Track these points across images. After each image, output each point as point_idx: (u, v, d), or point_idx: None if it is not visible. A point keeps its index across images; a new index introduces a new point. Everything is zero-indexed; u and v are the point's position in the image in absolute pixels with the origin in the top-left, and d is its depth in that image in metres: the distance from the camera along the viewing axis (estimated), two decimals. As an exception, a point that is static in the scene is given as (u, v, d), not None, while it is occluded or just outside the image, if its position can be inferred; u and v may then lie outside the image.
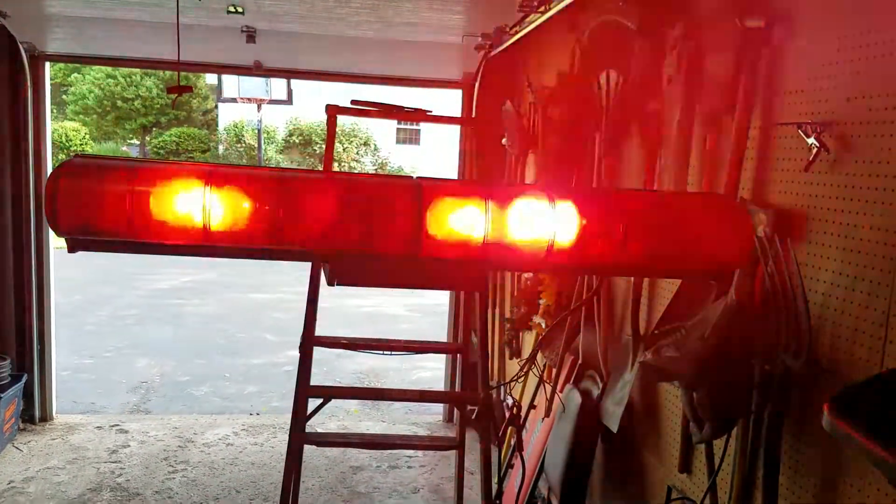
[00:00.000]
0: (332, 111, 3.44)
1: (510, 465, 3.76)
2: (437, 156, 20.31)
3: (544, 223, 1.69)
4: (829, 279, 1.73)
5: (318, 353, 3.24)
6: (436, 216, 1.66)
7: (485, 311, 3.25)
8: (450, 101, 5.56)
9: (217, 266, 12.74)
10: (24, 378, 4.94)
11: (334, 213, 1.66)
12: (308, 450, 3.42)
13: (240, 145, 25.60)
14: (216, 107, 27.34)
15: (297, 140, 25.64)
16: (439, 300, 7.54)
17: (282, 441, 4.94)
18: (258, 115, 24.64)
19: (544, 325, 3.65)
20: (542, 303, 3.69)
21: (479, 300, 3.31)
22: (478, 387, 3.27)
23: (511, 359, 4.43)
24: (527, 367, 3.16)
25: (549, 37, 3.99)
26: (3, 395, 4.60)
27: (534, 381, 3.53)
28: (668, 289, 2.50)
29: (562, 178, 3.48)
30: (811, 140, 1.72)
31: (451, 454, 4.15)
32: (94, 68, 25.63)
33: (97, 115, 26.84)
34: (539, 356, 3.42)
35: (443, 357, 5.84)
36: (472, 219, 1.68)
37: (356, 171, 23.10)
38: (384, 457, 4.81)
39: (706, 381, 1.88)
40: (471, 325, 3.61)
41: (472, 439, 3.73)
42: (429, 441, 4.36)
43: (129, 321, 9.24)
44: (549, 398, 3.34)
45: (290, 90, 24.84)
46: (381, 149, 25.93)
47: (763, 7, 1.99)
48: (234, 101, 24.63)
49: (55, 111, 25.90)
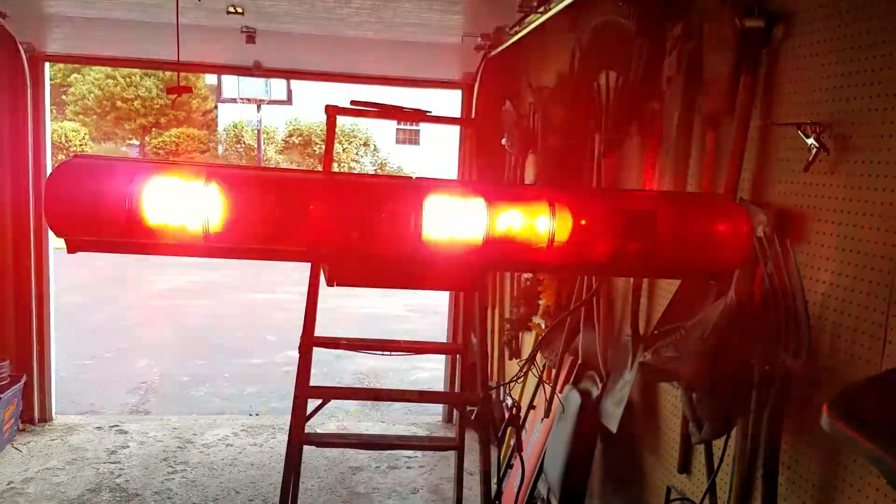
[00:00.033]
0: (332, 111, 3.44)
1: (509, 466, 3.76)
2: (436, 156, 20.29)
3: (544, 224, 1.69)
4: (828, 279, 1.73)
5: (317, 353, 3.23)
6: (435, 216, 1.66)
7: (484, 312, 3.25)
8: (449, 102, 5.55)
9: (217, 266, 12.74)
10: (24, 379, 4.93)
11: (333, 214, 1.66)
12: (307, 450, 3.42)
13: (239, 146, 25.61)
14: (216, 107, 27.35)
15: (297, 140, 25.65)
16: (439, 300, 7.54)
17: (281, 442, 4.94)
18: (258, 115, 24.66)
19: (544, 326, 3.65)
20: (541, 303, 3.69)
21: (478, 300, 3.31)
22: (477, 387, 3.27)
23: (510, 359, 4.43)
24: (526, 368, 3.16)
25: (548, 37, 3.99)
26: (2, 395, 4.60)
27: (533, 381, 3.53)
28: (667, 289, 2.50)
29: (562, 179, 3.49)
30: (811, 140, 1.72)
31: (451, 455, 4.14)
32: (94, 69, 25.64)
33: (97, 116, 26.83)
34: (538, 356, 3.42)
35: (442, 357, 5.84)
36: (472, 219, 1.68)
37: (356, 172, 23.12)
38: (383, 457, 4.81)
39: (706, 381, 1.88)
40: (470, 326, 3.60)
41: (471, 440, 3.73)
42: (428, 441, 4.35)
43: (129, 322, 9.23)
44: (548, 398, 3.34)
45: (289, 90, 24.84)
46: (380, 149, 25.95)
47: (763, 7, 1.99)
48: (233, 101, 24.64)
49: (55, 111, 25.85)
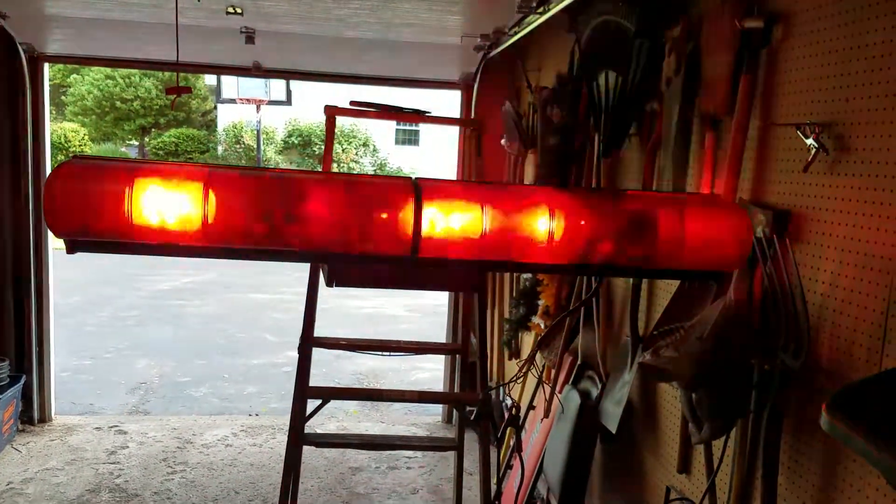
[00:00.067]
0: (331, 112, 3.45)
1: (509, 466, 3.76)
2: (436, 156, 20.31)
3: (543, 224, 1.69)
4: (827, 279, 1.73)
5: (317, 353, 3.24)
6: (434, 217, 1.66)
7: (484, 312, 3.25)
8: (449, 102, 5.55)
9: (217, 267, 12.74)
10: (23, 379, 4.93)
11: (333, 214, 1.66)
12: (307, 451, 3.42)
13: (239, 146, 25.61)
14: (215, 108, 27.36)
15: (296, 141, 25.65)
16: (439, 301, 7.54)
17: (281, 442, 4.94)
18: (257, 115, 24.65)
19: (543, 326, 3.65)
20: (541, 303, 3.69)
21: (478, 301, 3.31)
22: (477, 387, 3.27)
23: (510, 359, 4.43)
24: (526, 368, 3.16)
25: (548, 37, 4.00)
26: (1, 396, 4.59)
27: (533, 381, 3.53)
28: (666, 289, 2.50)
29: (561, 179, 3.49)
30: (810, 141, 1.72)
31: (450, 455, 4.15)
32: (93, 69, 25.63)
33: (96, 116, 26.83)
34: (538, 357, 3.42)
35: (442, 358, 5.84)
36: (471, 220, 1.68)
37: (355, 172, 23.11)
38: (383, 458, 4.81)
39: (705, 381, 1.88)
40: (470, 326, 3.61)
41: (471, 440, 3.73)
42: (428, 442, 4.35)
43: (129, 322, 9.23)
44: (548, 399, 3.34)
45: (289, 91, 24.86)
46: (380, 149, 25.95)
47: (762, 7, 1.99)
48: (233, 101, 24.66)
49: (54, 112, 25.89)
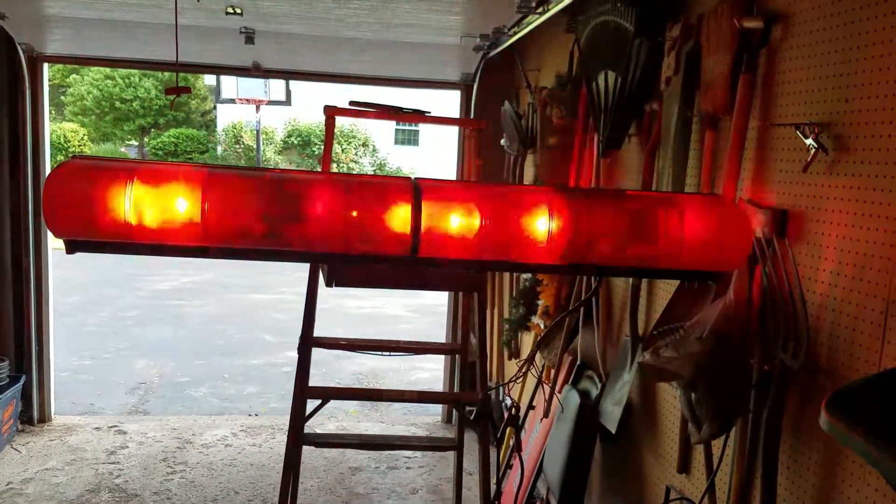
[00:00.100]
0: (331, 112, 3.44)
1: (509, 466, 3.76)
2: (435, 156, 20.31)
3: (543, 224, 1.69)
4: (827, 279, 1.73)
5: (316, 353, 3.23)
6: (434, 217, 1.66)
7: (483, 312, 3.25)
8: (449, 102, 5.55)
9: (216, 267, 12.74)
10: (23, 379, 4.93)
11: (332, 215, 1.66)
12: (307, 451, 3.42)
13: (238, 146, 25.60)
14: (215, 108, 27.35)
15: (296, 141, 25.65)
16: (439, 301, 7.54)
17: (280, 442, 4.94)
18: (257, 116, 24.64)
19: (543, 326, 3.65)
20: (540, 303, 3.69)
21: (477, 301, 3.31)
22: (476, 387, 3.27)
23: (510, 359, 4.43)
24: (525, 368, 3.16)
25: (547, 37, 4.00)
26: (1, 396, 4.59)
27: (532, 381, 3.53)
28: (666, 289, 2.50)
29: (561, 179, 3.49)
30: (809, 141, 1.72)
31: (450, 455, 4.15)
32: (93, 69, 25.63)
33: (95, 117, 26.82)
34: (538, 357, 3.42)
35: (441, 358, 5.84)
36: (471, 220, 1.68)
37: (354, 172, 23.11)
38: (383, 458, 4.81)
39: (705, 381, 1.88)
40: (469, 326, 3.61)
41: (470, 440, 3.73)
42: (427, 442, 4.35)
43: (129, 322, 9.23)
44: (547, 399, 3.34)
45: (288, 91, 24.83)
46: (379, 149, 25.95)
47: (761, 7, 1.99)
48: (232, 102, 24.64)
49: (53, 112, 25.89)
